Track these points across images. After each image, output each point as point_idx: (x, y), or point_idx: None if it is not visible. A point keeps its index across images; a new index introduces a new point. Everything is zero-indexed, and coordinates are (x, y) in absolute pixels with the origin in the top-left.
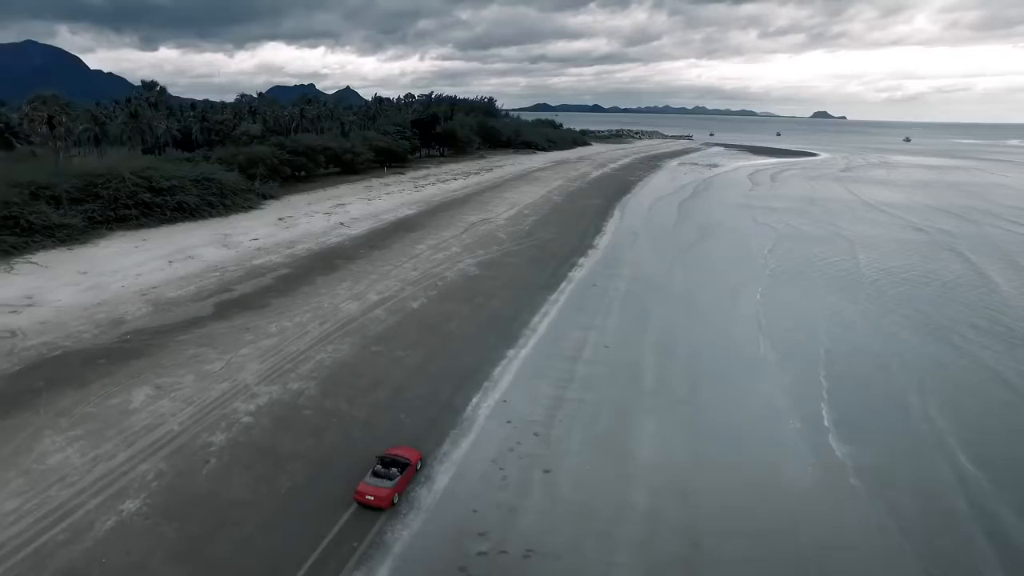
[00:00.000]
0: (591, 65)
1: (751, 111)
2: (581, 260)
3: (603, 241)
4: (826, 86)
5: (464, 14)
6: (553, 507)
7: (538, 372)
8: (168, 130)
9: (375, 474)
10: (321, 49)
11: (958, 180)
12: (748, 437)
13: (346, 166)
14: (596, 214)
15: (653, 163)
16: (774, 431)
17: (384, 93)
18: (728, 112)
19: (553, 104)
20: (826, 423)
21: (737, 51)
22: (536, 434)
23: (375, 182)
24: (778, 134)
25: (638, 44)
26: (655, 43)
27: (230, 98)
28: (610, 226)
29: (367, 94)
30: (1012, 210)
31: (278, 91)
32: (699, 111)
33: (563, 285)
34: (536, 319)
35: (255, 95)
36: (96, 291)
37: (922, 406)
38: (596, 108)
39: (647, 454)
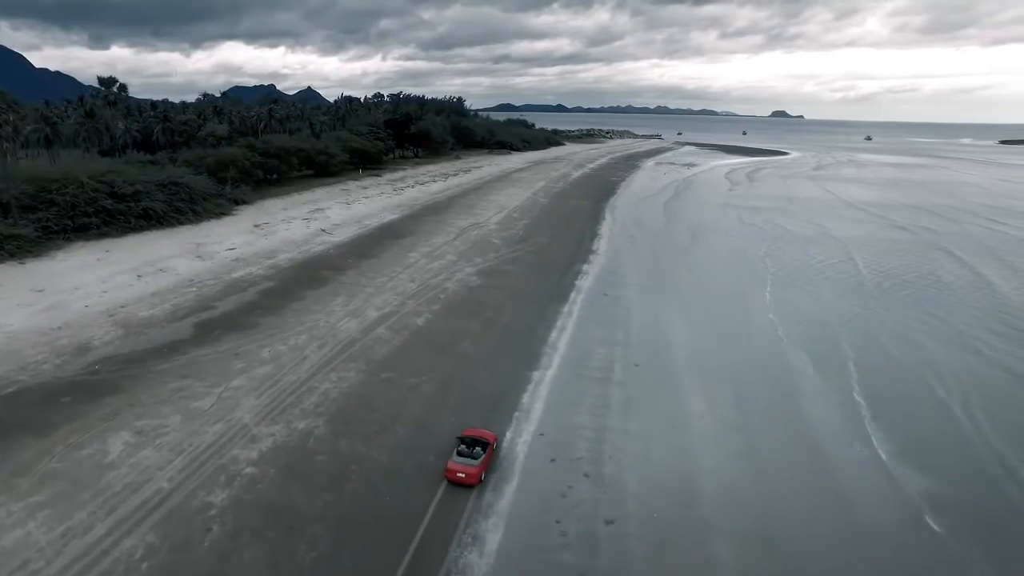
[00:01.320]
0: (554, 65)
1: (712, 110)
2: (584, 267)
3: (601, 246)
4: (784, 86)
5: (427, 14)
6: (627, 568)
7: (570, 398)
8: (127, 131)
9: (460, 454)
10: (281, 49)
11: (925, 178)
12: (814, 467)
13: (320, 168)
14: (587, 216)
15: (630, 163)
16: (838, 460)
17: (347, 94)
18: (690, 111)
19: (517, 104)
20: (885, 450)
21: (698, 51)
22: (587, 475)
23: (352, 185)
24: (744, 133)
25: (601, 44)
26: (618, 43)
27: (189, 98)
28: (604, 229)
29: (329, 95)
30: (986, 208)
31: (238, 91)
32: (661, 111)
33: (573, 295)
34: (554, 335)
35: (217, 95)
36: (55, 312)
37: (974, 425)
38: (560, 108)
39: (712, 493)
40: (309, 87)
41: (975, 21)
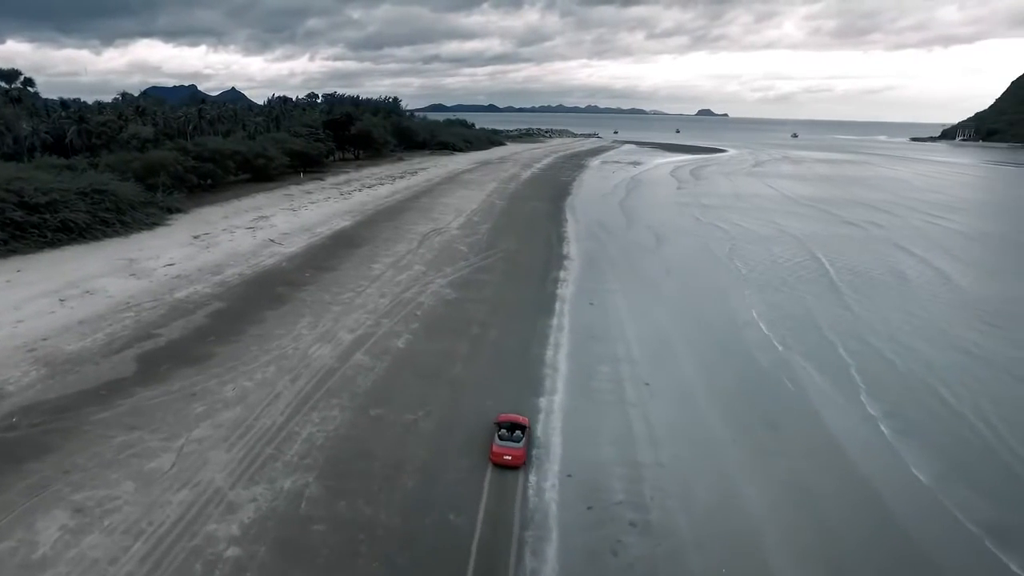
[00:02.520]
0: (485, 65)
1: (641, 109)
2: (561, 274)
3: (572, 250)
4: (708, 85)
5: (355, 13)
6: None
7: (587, 428)
8: (35, 132)
9: (502, 438)
10: (202, 48)
11: (857, 174)
12: (862, 497)
13: (258, 172)
14: (549, 219)
15: (576, 162)
16: (884, 487)
17: (277, 94)
18: (619, 110)
19: (448, 104)
20: (927, 474)
21: (626, 52)
22: (633, 524)
23: (294, 190)
24: (678, 131)
25: (531, 44)
26: (548, 43)
27: (104, 98)
28: (570, 232)
29: (255, 96)
30: (920, 203)
31: (157, 92)
32: (592, 110)
33: (558, 306)
34: (550, 353)
35: (135, 95)
36: None
37: (998, 438)
38: (491, 108)
39: (774, 535)
40: (233, 88)
41: (879, 27)
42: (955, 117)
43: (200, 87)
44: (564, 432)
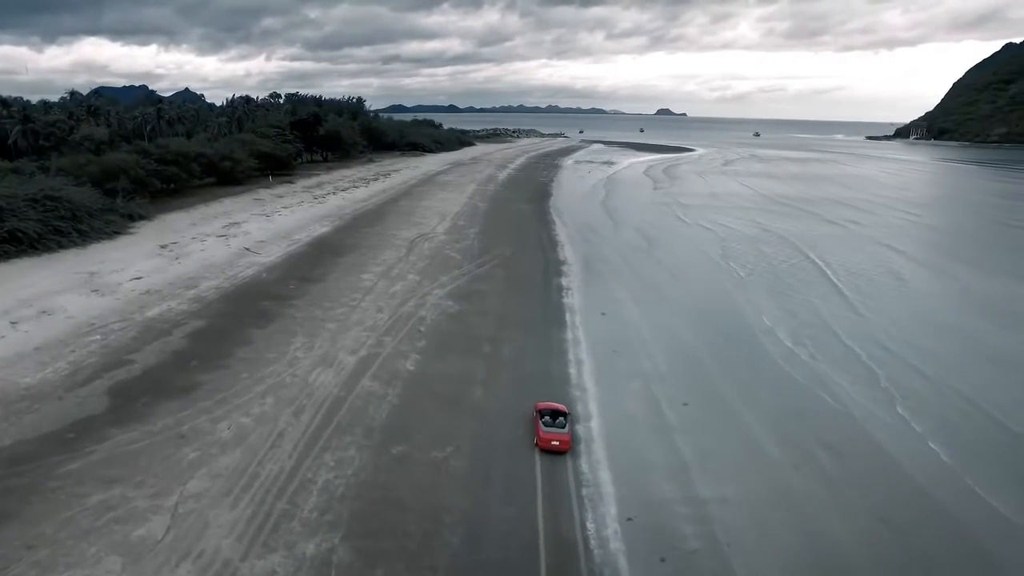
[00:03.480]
0: (445, 65)
1: (601, 109)
2: (563, 281)
3: (568, 254)
4: (666, 85)
5: (313, 13)
6: None
7: (636, 460)
8: None
9: (547, 424)
10: (153, 47)
11: (826, 172)
12: (947, 527)
13: (224, 175)
14: (536, 221)
15: (550, 162)
16: (965, 519)
17: (238, 95)
18: (579, 110)
19: (408, 105)
20: (1007, 507)
21: (586, 52)
22: None
23: (264, 193)
24: (642, 130)
25: (491, 44)
26: (508, 44)
27: (51, 97)
28: (561, 235)
29: (211, 97)
30: (893, 200)
31: (105, 92)
32: (552, 109)
33: (569, 318)
34: (574, 372)
35: (84, 94)
36: None
37: None
38: (452, 108)
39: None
40: (187, 88)
41: (829, 29)
42: (901, 116)
43: (152, 87)
44: (612, 466)
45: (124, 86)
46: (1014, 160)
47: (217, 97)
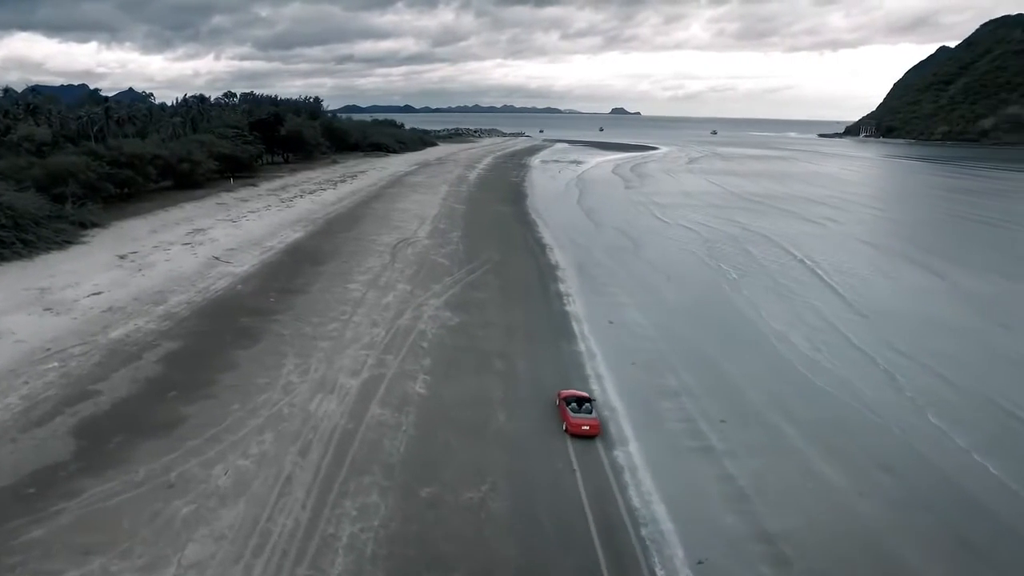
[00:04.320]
0: (400, 65)
1: (556, 108)
2: (561, 287)
3: (559, 258)
4: (621, 84)
5: (263, 11)
6: None
7: (689, 490)
8: None
9: (574, 411)
10: (94, 44)
11: (789, 170)
12: None
13: (181, 178)
14: (518, 224)
15: (517, 162)
16: None
17: (175, 95)
18: (535, 110)
19: (363, 105)
20: None
21: (541, 52)
22: None
23: (227, 197)
24: (601, 129)
25: (446, 44)
26: (463, 43)
27: None
28: (547, 237)
29: (158, 97)
30: (859, 196)
31: (42, 91)
32: (508, 109)
33: (576, 328)
34: (596, 388)
35: (18, 91)
36: None
37: None
38: (407, 108)
39: None
40: (131, 88)
41: (777, 30)
42: (846, 115)
43: (93, 86)
44: (665, 499)
45: (62, 85)
46: (958, 157)
47: (164, 98)
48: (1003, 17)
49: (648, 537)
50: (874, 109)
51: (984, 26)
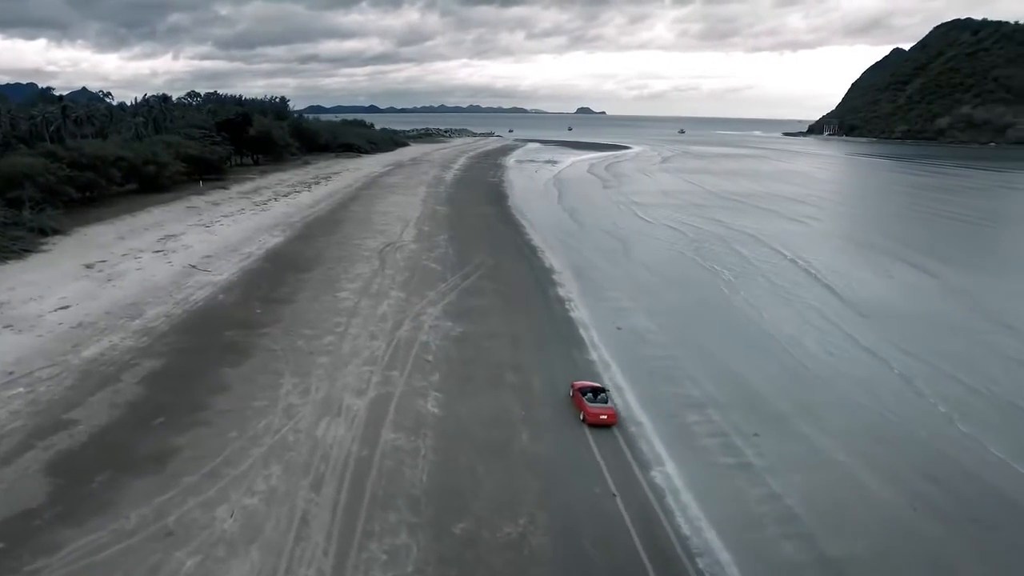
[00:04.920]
0: (365, 65)
1: (522, 108)
2: (560, 291)
3: (552, 261)
4: (586, 84)
5: (223, 9)
6: None
7: (739, 513)
8: None
9: (591, 400)
10: (42, 41)
11: (761, 168)
12: None
13: (147, 181)
14: (504, 225)
15: (492, 162)
16: None
17: (132, 95)
18: (501, 110)
19: (328, 106)
20: None
21: (507, 51)
22: None
23: (197, 201)
24: (570, 128)
25: (411, 44)
26: (428, 43)
27: None
28: (535, 239)
29: (114, 97)
30: (834, 194)
31: None
32: (474, 109)
33: (584, 335)
34: (620, 402)
35: None
36: None
37: None
38: (372, 109)
39: None
40: (84, 88)
41: (738, 31)
42: (807, 114)
43: (42, 85)
44: (715, 523)
45: (8, 83)
46: (919, 155)
47: (121, 98)
48: (954, 21)
49: (707, 570)
50: (833, 108)
51: (937, 28)
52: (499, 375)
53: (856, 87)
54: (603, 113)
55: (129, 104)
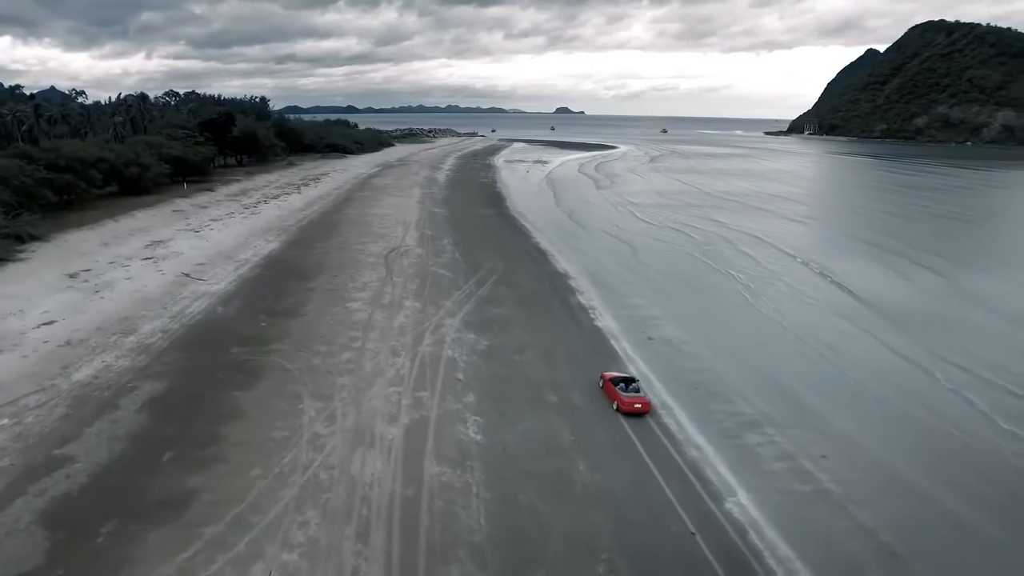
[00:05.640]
0: (342, 65)
1: (501, 108)
2: (580, 299)
3: (565, 266)
4: (564, 84)
5: (198, 8)
6: None
7: (827, 548)
8: None
9: (623, 390)
10: (7, 39)
11: (750, 168)
12: None
13: (129, 184)
14: (507, 227)
15: (481, 163)
16: None
17: (103, 95)
18: (479, 110)
19: (305, 106)
20: None
21: (485, 51)
22: None
23: (183, 204)
24: (552, 128)
25: (389, 44)
26: (406, 43)
27: None
28: (543, 243)
29: (86, 96)
30: (830, 195)
31: None
32: (452, 109)
33: (617, 347)
34: (670, 422)
35: None
36: None
37: None
38: (350, 109)
39: None
40: (52, 87)
41: (715, 31)
42: (784, 113)
43: (7, 84)
44: (812, 565)
45: None
46: (901, 154)
47: (92, 97)
48: (928, 22)
49: None
50: (810, 108)
51: (912, 30)
52: (538, 395)
53: (832, 87)
54: (582, 113)
55: (103, 103)
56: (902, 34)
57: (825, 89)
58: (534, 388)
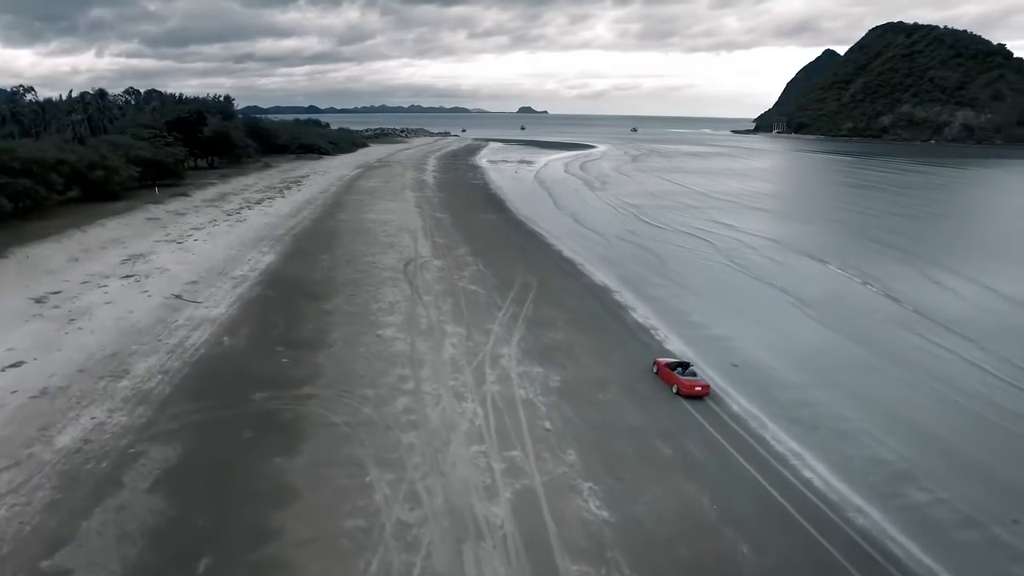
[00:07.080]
0: (303, 65)
1: (464, 108)
2: (636, 316)
3: (603, 278)
4: (528, 83)
5: (152, 5)
6: None
7: None
8: None
9: (680, 374)
10: None
11: (733, 167)
12: None
13: (94, 188)
14: (521, 235)
15: (464, 163)
16: None
17: (51, 93)
18: (442, 109)
19: (265, 107)
20: None
21: (448, 51)
22: None
23: (157, 211)
24: (522, 127)
25: (351, 43)
26: (369, 42)
27: None
28: (567, 251)
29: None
30: (819, 194)
31: None
32: (415, 109)
33: (701, 376)
34: (812, 476)
35: None
36: None
37: None
38: (312, 109)
39: None
40: None
41: (677, 31)
42: (745, 112)
43: None
44: None
45: None
46: (873, 153)
47: (40, 95)
48: (888, 24)
49: None
50: (771, 107)
51: (872, 31)
52: (649, 447)
53: (792, 87)
54: (545, 112)
55: (57, 101)
56: (861, 36)
57: (785, 89)
58: (638, 437)
